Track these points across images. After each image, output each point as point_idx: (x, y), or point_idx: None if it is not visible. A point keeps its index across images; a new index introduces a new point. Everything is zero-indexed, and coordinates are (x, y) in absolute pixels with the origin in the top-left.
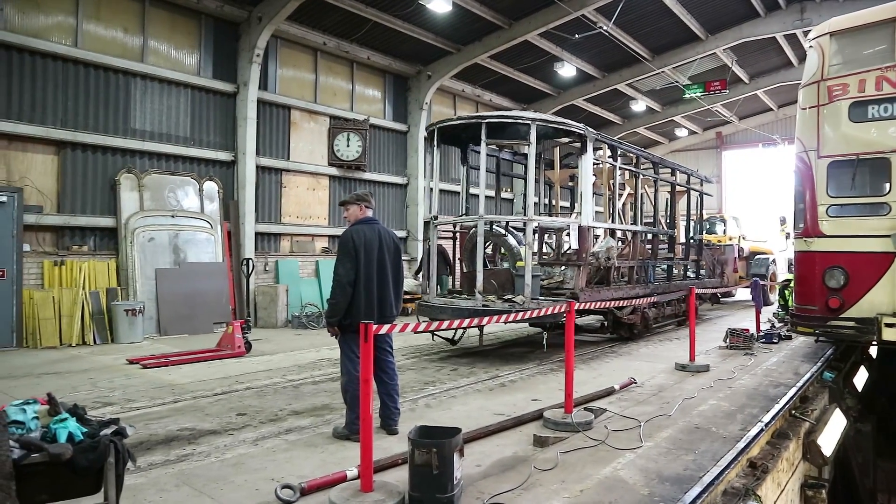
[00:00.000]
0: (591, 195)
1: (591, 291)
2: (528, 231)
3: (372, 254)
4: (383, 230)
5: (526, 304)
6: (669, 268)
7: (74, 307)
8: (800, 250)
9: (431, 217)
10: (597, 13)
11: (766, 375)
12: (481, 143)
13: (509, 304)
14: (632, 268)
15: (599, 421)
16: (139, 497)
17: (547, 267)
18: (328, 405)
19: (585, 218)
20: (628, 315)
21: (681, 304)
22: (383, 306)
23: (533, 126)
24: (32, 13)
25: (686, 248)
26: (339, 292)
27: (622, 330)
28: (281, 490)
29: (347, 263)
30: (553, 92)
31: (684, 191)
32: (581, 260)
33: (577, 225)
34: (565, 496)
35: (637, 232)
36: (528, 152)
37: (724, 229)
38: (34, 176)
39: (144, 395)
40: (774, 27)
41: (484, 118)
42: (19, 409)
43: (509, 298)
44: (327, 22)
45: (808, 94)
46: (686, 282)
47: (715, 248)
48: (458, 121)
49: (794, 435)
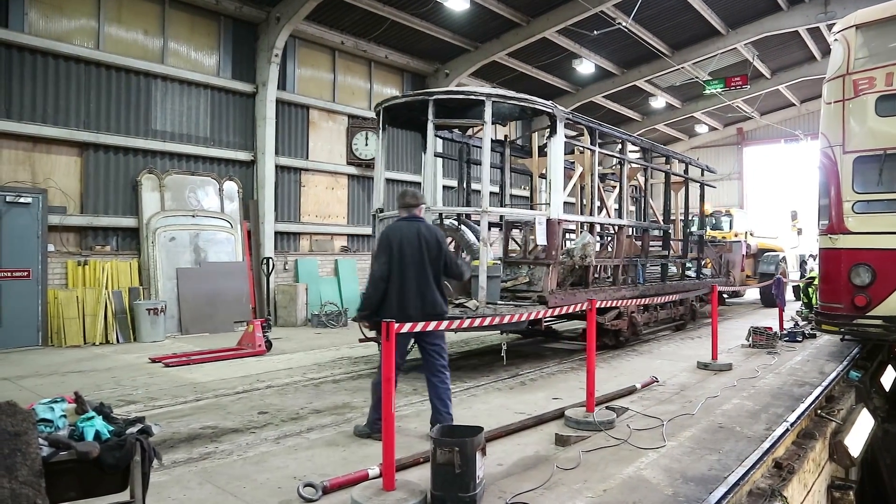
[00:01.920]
0: (563, 183)
1: (563, 294)
2: (482, 225)
3: (407, 250)
4: (424, 227)
5: (480, 309)
6: (664, 266)
7: (98, 306)
8: (824, 247)
9: (376, 210)
10: (616, 9)
11: (791, 374)
12: (429, 124)
13: (461, 310)
14: (617, 267)
15: (621, 420)
16: (163, 494)
17: (513, 266)
18: (348, 403)
19: (555, 210)
20: (612, 320)
21: (678, 308)
22: (424, 304)
23: (488, 102)
24: (56, 17)
25: (684, 245)
26: (371, 286)
27: (606, 337)
28: (303, 488)
29: (382, 258)
30: (571, 89)
31: (682, 181)
32: (550, 258)
33: (544, 218)
34: (588, 496)
35: (622, 226)
36: (483, 133)
37: (731, 225)
38: (58, 177)
39: (167, 394)
40: (797, 21)
41: (431, 94)
42: (48, 407)
43: (461, 303)
44: (345, 21)
45: (832, 88)
46: (685, 282)
47: (720, 244)
48: (402, 98)
49: (820, 435)
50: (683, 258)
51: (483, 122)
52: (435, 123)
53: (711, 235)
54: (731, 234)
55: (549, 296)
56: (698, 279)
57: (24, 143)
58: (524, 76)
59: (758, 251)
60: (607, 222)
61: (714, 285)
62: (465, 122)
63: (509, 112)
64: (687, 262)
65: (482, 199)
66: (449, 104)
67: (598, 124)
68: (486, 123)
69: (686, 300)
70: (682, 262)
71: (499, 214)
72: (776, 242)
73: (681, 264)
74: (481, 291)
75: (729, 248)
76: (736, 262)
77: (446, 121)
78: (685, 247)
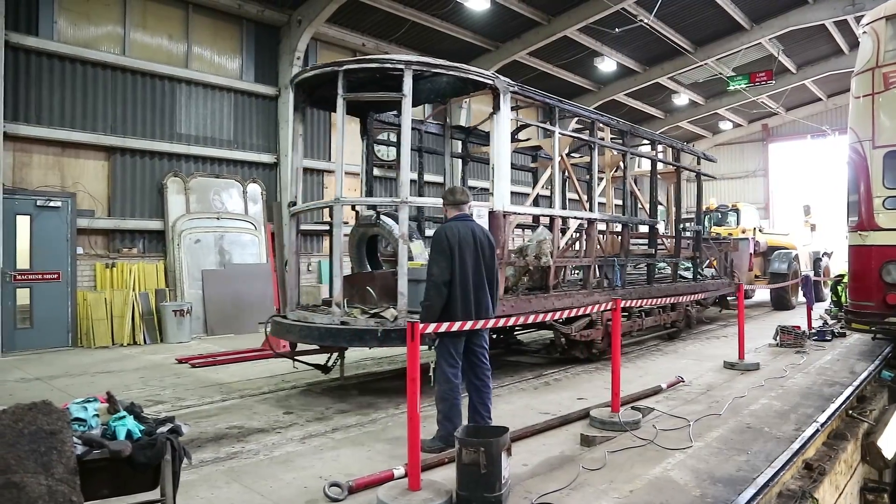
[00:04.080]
0: (509, 168)
1: (515, 301)
2: (401, 218)
3: (466, 252)
4: (477, 227)
5: (399, 319)
6: (650, 267)
7: (125, 308)
8: (854, 244)
9: (289, 203)
10: (637, 6)
11: (820, 374)
12: (338, 100)
13: (376, 322)
14: (588, 267)
15: (647, 420)
16: (192, 493)
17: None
18: (373, 404)
19: (500, 200)
20: (582, 330)
21: (668, 313)
22: (479, 309)
23: (407, 72)
24: (83, 24)
25: (676, 243)
26: (434, 294)
27: (577, 349)
28: (329, 488)
29: (442, 262)
30: (593, 87)
31: (675, 171)
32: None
33: (485, 210)
34: (614, 496)
35: (593, 220)
36: (402, 108)
37: (739, 220)
38: (86, 181)
39: (194, 394)
40: (823, 14)
41: (342, 64)
42: (81, 406)
43: (376, 312)
44: (366, 23)
45: (861, 81)
46: (678, 284)
47: (724, 242)
48: (312, 71)
49: (851, 436)
50: (675, 257)
51: (402, 95)
52: (347, 99)
53: (716, 232)
54: (737, 231)
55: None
56: (695, 281)
57: (53, 148)
58: (545, 75)
59: (767, 249)
60: (571, 215)
61: (741, 284)
62: (379, 95)
63: (448, 87)
64: (681, 261)
65: (401, 187)
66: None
67: (558, 100)
68: (405, 96)
69: (679, 305)
70: (675, 262)
71: (422, 205)
72: (788, 239)
73: (673, 264)
74: (401, 298)
75: (734, 245)
76: (742, 260)
77: (358, 95)
78: (677, 244)
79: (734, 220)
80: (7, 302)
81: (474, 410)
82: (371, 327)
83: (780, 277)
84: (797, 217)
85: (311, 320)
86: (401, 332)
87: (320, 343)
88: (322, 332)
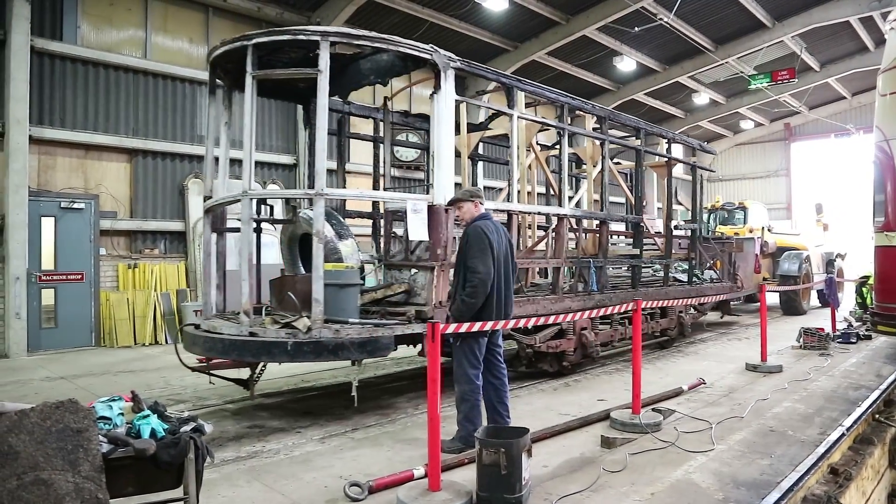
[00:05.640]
0: (453, 156)
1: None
2: (316, 212)
3: (499, 250)
4: (501, 226)
5: (314, 330)
6: (634, 269)
7: (147, 308)
8: (880, 245)
9: (204, 198)
10: (656, 4)
11: (845, 377)
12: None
13: (286, 332)
14: (557, 269)
15: (668, 422)
16: (213, 492)
17: (395, 270)
18: (392, 404)
19: (441, 192)
20: (549, 341)
21: (658, 321)
22: (508, 308)
23: (324, 44)
24: (106, 28)
25: (667, 242)
26: (481, 290)
27: (545, 362)
28: (349, 488)
29: (488, 260)
30: (612, 87)
31: (663, 163)
32: (436, 259)
33: (423, 203)
34: (636, 499)
35: (562, 217)
36: (318, 86)
37: (746, 219)
38: (108, 183)
39: (214, 393)
40: (848, 10)
41: (251, 38)
42: (106, 405)
43: (288, 322)
44: (384, 24)
45: (888, 79)
46: (670, 288)
47: (727, 242)
48: (222, 47)
49: (878, 441)
50: (666, 258)
51: (318, 71)
52: (256, 76)
53: (720, 232)
54: (745, 231)
55: (437, 310)
56: (690, 284)
57: (77, 150)
58: (564, 75)
59: (777, 250)
60: (534, 211)
61: (763, 285)
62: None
63: (389, 66)
64: (673, 262)
65: (316, 177)
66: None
67: (516, 79)
68: (321, 72)
69: (671, 311)
70: (665, 263)
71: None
72: (798, 240)
73: (665, 266)
74: (316, 306)
75: (739, 245)
76: (747, 261)
77: (268, 72)
78: (668, 244)
79: (741, 218)
80: (32, 302)
81: (493, 409)
82: (281, 339)
83: (790, 280)
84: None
85: (219, 330)
86: (315, 344)
87: (224, 357)
88: (227, 345)
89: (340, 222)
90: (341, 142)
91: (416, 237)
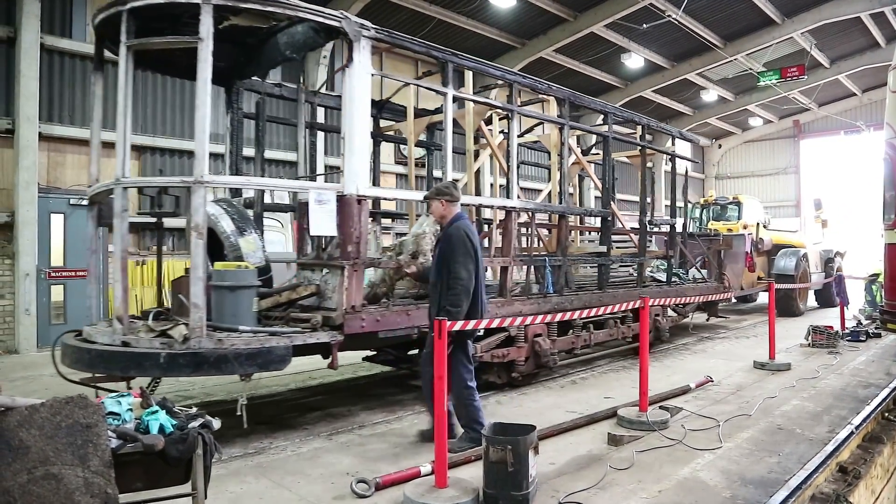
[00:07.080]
0: (367, 139)
1: (384, 313)
2: (194, 204)
3: (479, 252)
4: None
5: (196, 339)
6: (602, 268)
7: (155, 304)
8: (890, 242)
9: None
10: (665, 1)
11: (854, 375)
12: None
13: (162, 342)
14: (505, 269)
15: (675, 420)
16: (221, 488)
17: (308, 270)
18: (400, 401)
19: (352, 181)
20: (495, 349)
21: (630, 325)
22: (484, 308)
23: (206, 9)
24: None
25: (641, 238)
26: (465, 298)
27: (490, 373)
28: (357, 484)
29: (470, 266)
30: (620, 84)
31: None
32: (347, 257)
33: (332, 193)
34: (643, 497)
35: (510, 210)
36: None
37: (740, 215)
38: None
39: (222, 390)
40: (859, 6)
41: (125, 2)
42: (115, 401)
43: (164, 330)
44: (392, 22)
45: None
46: (644, 290)
47: (714, 239)
48: (101, 14)
49: (888, 439)
50: (640, 256)
51: (199, 39)
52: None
53: (713, 228)
54: (738, 227)
55: (347, 316)
56: (669, 285)
57: (86, 147)
58: (571, 72)
59: (772, 247)
60: (473, 203)
61: (771, 283)
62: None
63: (303, 39)
64: (648, 261)
65: (196, 162)
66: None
67: (451, 53)
68: (203, 40)
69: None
70: (638, 262)
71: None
72: (795, 237)
73: (638, 264)
74: (195, 311)
75: (728, 242)
76: (737, 260)
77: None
78: (642, 240)
79: (736, 214)
80: (42, 298)
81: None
82: (154, 350)
83: (786, 279)
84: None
85: (93, 339)
86: (192, 356)
87: (92, 371)
88: (94, 357)
89: (243, 215)
90: (259, 126)
91: (318, 232)
